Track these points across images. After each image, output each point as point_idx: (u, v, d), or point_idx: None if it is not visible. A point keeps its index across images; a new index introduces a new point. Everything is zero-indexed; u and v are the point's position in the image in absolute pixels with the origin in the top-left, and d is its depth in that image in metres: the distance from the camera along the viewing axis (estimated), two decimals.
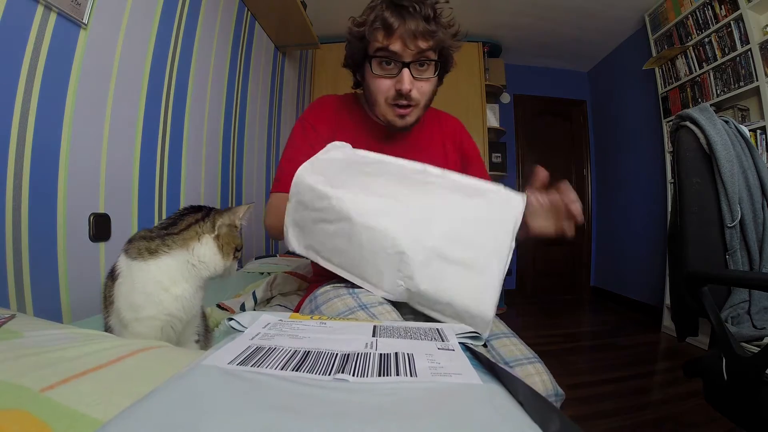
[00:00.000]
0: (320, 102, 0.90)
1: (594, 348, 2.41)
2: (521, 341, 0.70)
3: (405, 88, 0.74)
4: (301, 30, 2.18)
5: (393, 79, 0.75)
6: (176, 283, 0.51)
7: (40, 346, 0.37)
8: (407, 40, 0.71)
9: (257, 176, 2.09)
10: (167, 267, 0.50)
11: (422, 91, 0.78)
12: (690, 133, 0.97)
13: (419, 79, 0.76)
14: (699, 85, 2.46)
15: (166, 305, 0.49)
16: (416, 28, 0.70)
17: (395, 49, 0.72)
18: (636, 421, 1.48)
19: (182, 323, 0.52)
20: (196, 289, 0.53)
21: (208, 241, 0.53)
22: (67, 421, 0.25)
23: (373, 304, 0.71)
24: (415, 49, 0.72)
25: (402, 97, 0.76)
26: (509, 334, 0.71)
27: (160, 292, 0.49)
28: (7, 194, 0.79)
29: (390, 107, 0.78)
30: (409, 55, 0.73)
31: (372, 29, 0.73)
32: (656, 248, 2.92)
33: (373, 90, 0.78)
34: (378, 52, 0.74)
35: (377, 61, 0.75)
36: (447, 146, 0.90)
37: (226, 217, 0.56)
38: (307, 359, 0.31)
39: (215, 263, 0.54)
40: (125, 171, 1.13)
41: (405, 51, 0.72)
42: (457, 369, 0.30)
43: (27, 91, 0.82)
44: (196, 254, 0.52)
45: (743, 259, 0.95)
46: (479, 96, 3.08)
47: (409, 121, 0.80)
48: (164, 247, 0.50)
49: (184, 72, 1.40)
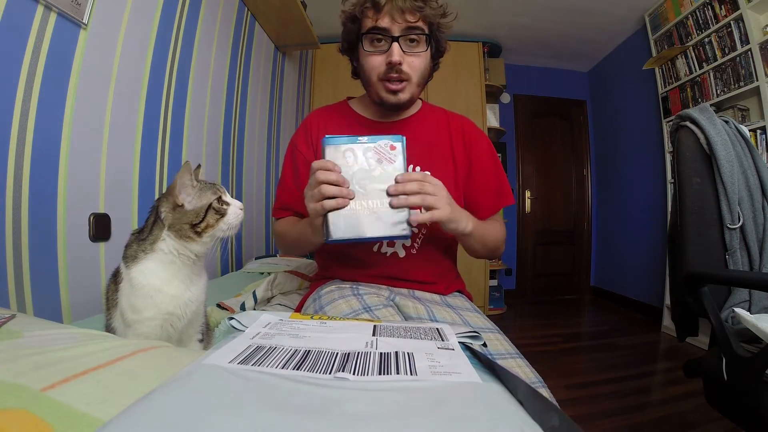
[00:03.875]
0: (306, 120, 0.92)
1: (594, 348, 2.41)
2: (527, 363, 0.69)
3: (395, 59, 0.75)
4: (301, 30, 2.18)
5: (384, 55, 0.76)
6: (168, 283, 0.51)
7: (41, 346, 0.37)
8: (395, 15, 0.74)
9: (257, 176, 2.09)
10: (151, 270, 0.50)
11: (413, 66, 0.78)
12: (690, 133, 0.97)
13: (410, 53, 0.77)
14: (699, 85, 2.46)
15: (163, 306, 0.50)
16: (403, 3, 0.73)
17: (384, 24, 0.74)
18: (636, 421, 1.48)
19: (182, 321, 0.52)
20: (188, 285, 0.52)
21: (166, 235, 0.51)
22: (68, 420, 0.25)
23: (378, 307, 0.71)
24: (404, 23, 0.74)
25: (393, 70, 0.76)
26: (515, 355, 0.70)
27: (155, 294, 0.49)
28: (7, 194, 0.79)
29: (382, 83, 0.79)
30: (397, 29, 0.75)
31: (362, 8, 0.76)
32: (656, 248, 2.92)
33: (366, 68, 0.80)
34: (369, 31, 0.76)
35: (368, 38, 0.77)
36: (455, 143, 0.89)
37: (164, 204, 0.52)
38: (307, 358, 0.31)
39: (186, 252, 0.52)
40: (125, 171, 1.13)
41: (393, 25, 0.74)
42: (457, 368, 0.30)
43: (27, 91, 0.82)
44: (169, 251, 0.51)
45: (743, 259, 0.95)
46: (479, 96, 3.08)
47: (402, 98, 0.80)
48: (142, 253, 0.51)
49: (184, 72, 1.40)
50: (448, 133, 0.89)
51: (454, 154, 0.88)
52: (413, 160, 0.84)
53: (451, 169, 0.86)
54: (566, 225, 3.88)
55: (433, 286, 0.85)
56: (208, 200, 0.52)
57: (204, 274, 0.57)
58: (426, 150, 0.85)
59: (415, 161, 0.84)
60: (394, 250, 0.83)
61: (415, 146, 0.82)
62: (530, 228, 3.80)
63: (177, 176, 0.51)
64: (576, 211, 3.89)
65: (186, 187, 0.51)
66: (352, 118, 0.89)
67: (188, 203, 0.52)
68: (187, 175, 0.51)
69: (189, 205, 0.52)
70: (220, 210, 0.52)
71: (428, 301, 0.81)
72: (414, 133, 0.84)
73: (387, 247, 0.83)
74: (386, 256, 0.83)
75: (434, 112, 0.93)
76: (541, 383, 0.65)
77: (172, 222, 0.51)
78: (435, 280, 0.85)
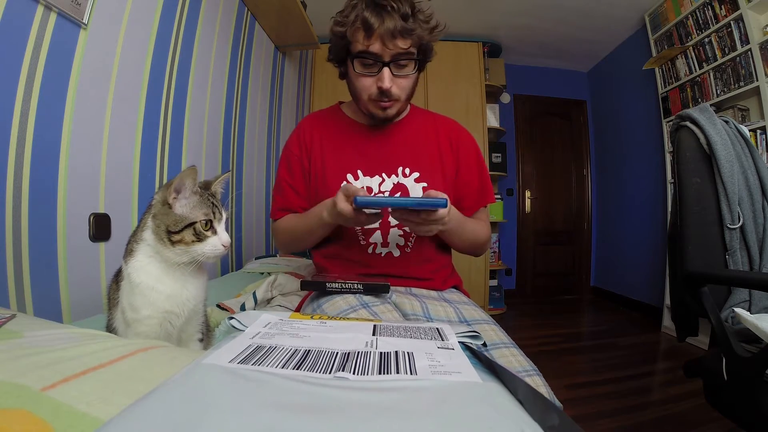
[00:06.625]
0: (300, 126, 0.94)
1: (594, 348, 2.41)
2: (521, 352, 0.70)
3: (385, 86, 0.77)
4: (301, 30, 2.18)
5: (374, 77, 0.79)
6: (160, 281, 0.49)
7: (41, 346, 0.37)
8: (386, 40, 0.74)
9: (257, 176, 2.09)
10: (143, 267, 0.49)
11: (402, 86, 0.81)
12: (690, 134, 0.97)
13: (399, 76, 0.79)
14: (699, 85, 2.46)
15: (159, 303, 0.49)
16: (395, 27, 0.73)
17: (375, 50, 0.75)
18: (636, 421, 1.48)
19: (180, 319, 0.51)
20: (183, 283, 0.50)
21: (149, 224, 0.48)
22: (68, 420, 0.25)
23: (375, 303, 0.73)
24: (394, 49, 0.75)
25: (384, 94, 0.79)
26: (509, 345, 0.71)
27: (149, 292, 0.49)
28: (7, 194, 0.79)
29: (373, 102, 0.82)
30: (388, 54, 0.76)
31: (353, 29, 0.76)
32: (656, 248, 2.92)
33: (357, 87, 0.82)
34: (359, 54, 0.77)
35: (359, 60, 0.78)
36: (442, 146, 0.91)
37: (160, 193, 0.49)
38: (307, 358, 0.31)
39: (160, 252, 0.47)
40: (125, 171, 1.13)
41: (384, 51, 0.75)
42: (457, 367, 0.30)
43: (27, 91, 0.82)
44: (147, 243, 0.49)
45: (743, 259, 0.95)
46: (479, 96, 3.08)
47: (390, 113, 0.83)
48: (135, 244, 0.50)
49: (184, 72, 1.40)
50: (435, 135, 0.92)
51: (442, 155, 0.91)
52: (403, 162, 0.87)
53: (438, 170, 0.89)
54: (566, 225, 3.88)
55: (430, 282, 0.87)
56: (195, 218, 0.47)
57: (202, 274, 0.56)
58: (415, 152, 0.89)
59: (404, 163, 0.87)
60: (389, 250, 0.86)
61: (404, 149, 0.88)
62: (530, 228, 3.80)
63: (181, 174, 0.48)
64: (576, 211, 3.89)
65: (184, 190, 0.49)
66: (344, 123, 0.92)
67: (178, 206, 0.48)
68: (189, 179, 0.48)
69: (177, 208, 0.48)
70: (201, 234, 0.48)
71: (425, 297, 0.82)
72: (403, 137, 0.90)
73: (381, 248, 0.85)
74: (381, 256, 0.85)
75: (422, 115, 0.96)
76: (535, 371, 0.67)
77: (156, 214, 0.49)
78: (431, 276, 0.88)
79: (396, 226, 0.84)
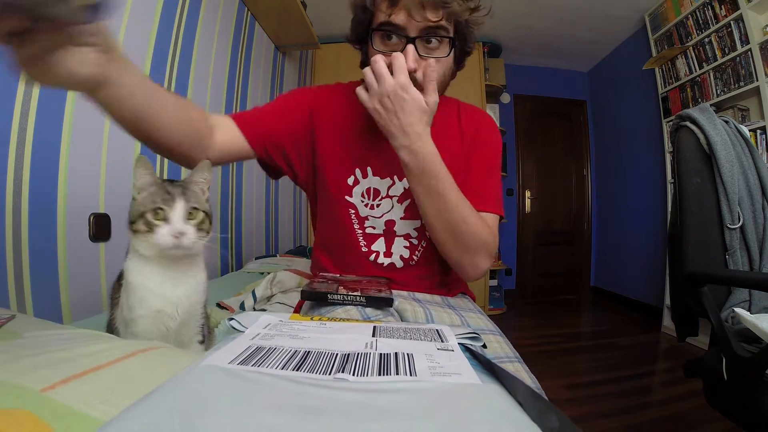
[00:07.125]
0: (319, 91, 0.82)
1: (594, 348, 2.41)
2: (525, 368, 0.63)
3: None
4: (301, 30, 2.18)
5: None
6: (150, 279, 0.49)
7: (40, 346, 0.37)
8: (413, 10, 0.60)
9: (257, 176, 2.09)
10: (134, 265, 0.49)
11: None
12: (690, 133, 0.97)
13: (427, 57, 0.63)
14: (699, 85, 2.46)
15: (148, 302, 0.49)
16: None
17: (398, 21, 0.61)
18: (636, 421, 1.48)
19: (174, 320, 0.50)
20: (175, 282, 0.50)
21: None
22: (68, 420, 0.25)
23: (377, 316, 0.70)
24: (423, 21, 0.61)
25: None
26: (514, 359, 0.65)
27: (141, 291, 0.49)
28: (7, 194, 0.79)
29: None
30: (414, 28, 0.62)
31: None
32: (656, 248, 2.92)
33: None
34: (380, 27, 0.64)
35: (379, 35, 0.65)
36: (465, 136, 0.80)
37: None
38: (307, 359, 0.31)
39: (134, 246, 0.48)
40: (125, 171, 1.13)
41: (410, 23, 0.61)
42: (457, 369, 0.30)
43: (27, 91, 0.82)
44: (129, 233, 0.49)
45: (743, 259, 0.95)
46: (479, 96, 3.08)
47: None
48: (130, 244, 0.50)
49: (184, 72, 1.40)
50: (457, 124, 0.81)
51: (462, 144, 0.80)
52: None
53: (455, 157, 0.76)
54: (566, 225, 3.88)
55: (437, 290, 0.81)
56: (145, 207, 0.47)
57: (198, 274, 0.54)
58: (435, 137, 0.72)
59: None
60: (391, 261, 0.78)
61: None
62: (530, 228, 3.80)
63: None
64: (576, 211, 3.89)
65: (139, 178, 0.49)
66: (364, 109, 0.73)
67: (140, 198, 0.49)
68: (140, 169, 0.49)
69: (136, 197, 0.49)
70: (149, 224, 0.47)
71: (429, 302, 0.76)
72: None
73: (384, 258, 0.77)
74: (384, 266, 0.78)
75: (446, 102, 0.83)
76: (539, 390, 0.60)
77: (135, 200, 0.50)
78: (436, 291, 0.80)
79: (403, 237, 0.77)
